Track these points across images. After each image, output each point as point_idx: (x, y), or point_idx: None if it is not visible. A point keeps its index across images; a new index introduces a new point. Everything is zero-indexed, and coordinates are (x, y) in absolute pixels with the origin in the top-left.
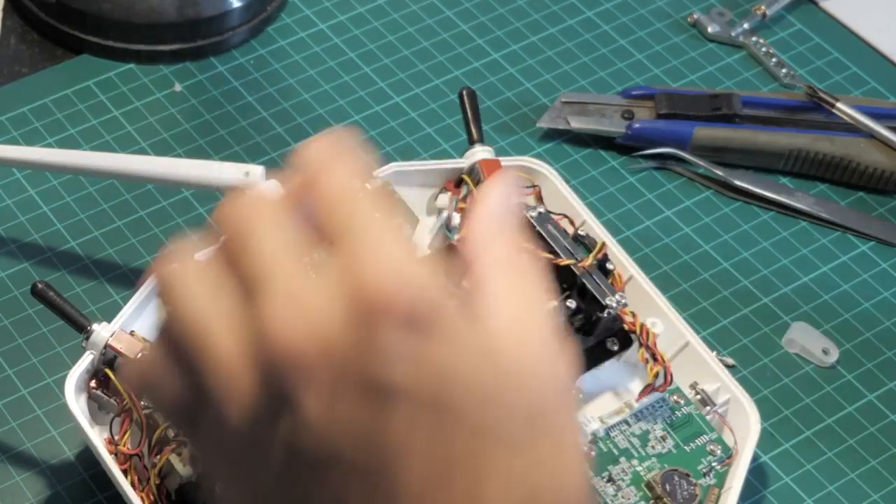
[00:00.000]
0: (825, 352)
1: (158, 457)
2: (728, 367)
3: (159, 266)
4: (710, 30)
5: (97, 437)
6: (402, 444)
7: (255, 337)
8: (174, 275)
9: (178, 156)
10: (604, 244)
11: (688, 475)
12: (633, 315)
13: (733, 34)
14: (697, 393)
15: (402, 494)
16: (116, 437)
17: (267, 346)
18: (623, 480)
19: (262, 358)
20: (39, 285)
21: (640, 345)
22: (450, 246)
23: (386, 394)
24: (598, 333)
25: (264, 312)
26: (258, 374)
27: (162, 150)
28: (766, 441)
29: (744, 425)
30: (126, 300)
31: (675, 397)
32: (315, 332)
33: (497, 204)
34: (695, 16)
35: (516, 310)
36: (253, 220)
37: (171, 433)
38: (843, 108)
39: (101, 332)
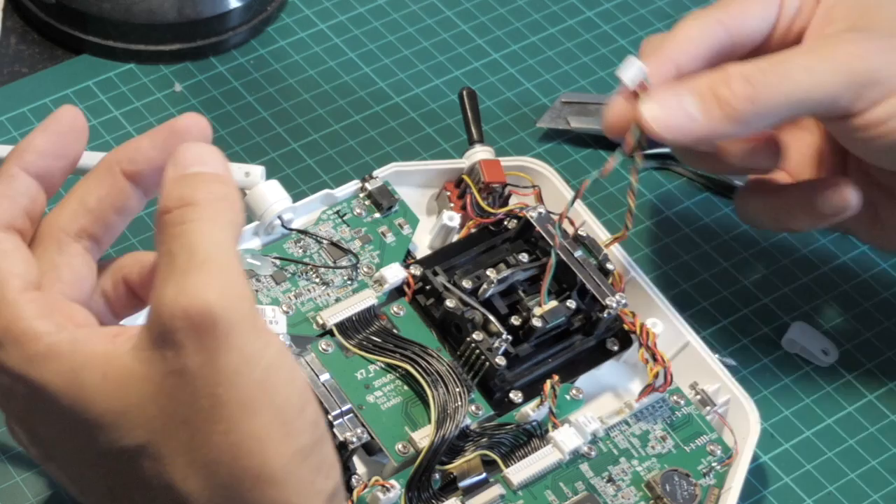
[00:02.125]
0: (825, 352)
1: None
2: (728, 367)
3: None
4: None
5: None
6: None
7: None
8: None
9: None
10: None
11: (688, 475)
12: (633, 315)
13: None
14: (697, 393)
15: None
16: None
17: None
18: (623, 480)
19: None
20: None
21: (640, 345)
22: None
23: None
24: (598, 333)
25: None
26: None
27: None
28: (766, 441)
29: (744, 425)
30: None
31: (675, 397)
32: None
33: None
34: None
35: None
36: None
37: None
38: None
39: None
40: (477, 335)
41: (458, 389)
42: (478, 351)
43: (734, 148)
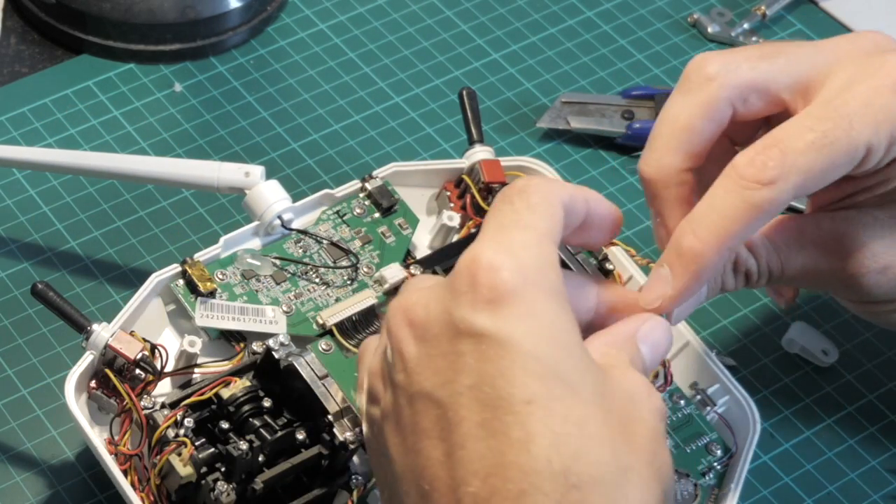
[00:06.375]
0: (825, 352)
1: (158, 457)
2: (728, 367)
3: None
4: (710, 30)
5: (97, 437)
6: (465, 385)
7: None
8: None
9: (178, 156)
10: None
11: (688, 475)
12: None
13: (733, 34)
14: (697, 393)
15: (461, 427)
16: (116, 437)
17: (392, 312)
18: None
19: (389, 320)
20: (39, 285)
21: None
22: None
23: (461, 338)
24: None
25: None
26: (388, 330)
27: (162, 150)
28: (766, 441)
29: (744, 425)
30: (126, 300)
31: (675, 397)
32: (418, 300)
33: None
34: (695, 16)
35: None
36: None
37: (171, 433)
38: None
39: (101, 332)
40: None
41: None
42: None
43: None
